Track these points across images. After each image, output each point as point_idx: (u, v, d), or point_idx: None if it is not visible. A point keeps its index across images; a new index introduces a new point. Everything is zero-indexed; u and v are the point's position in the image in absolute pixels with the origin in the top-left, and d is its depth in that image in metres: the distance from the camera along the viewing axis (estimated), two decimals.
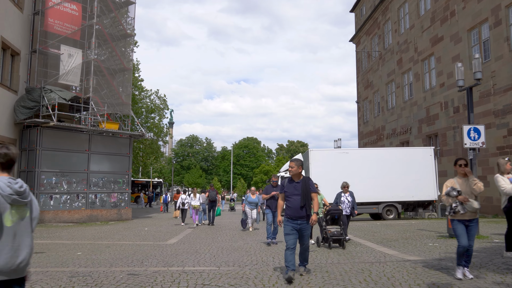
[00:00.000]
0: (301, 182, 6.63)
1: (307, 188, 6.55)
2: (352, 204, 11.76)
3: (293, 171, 6.73)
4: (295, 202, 6.51)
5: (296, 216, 6.52)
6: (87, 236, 14.15)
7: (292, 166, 6.75)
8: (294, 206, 6.53)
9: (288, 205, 6.66)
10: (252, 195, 15.59)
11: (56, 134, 20.39)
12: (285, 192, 6.73)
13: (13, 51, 20.11)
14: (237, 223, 20.75)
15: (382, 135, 34.62)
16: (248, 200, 15.59)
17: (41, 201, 19.53)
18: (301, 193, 6.50)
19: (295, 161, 6.80)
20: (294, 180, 6.73)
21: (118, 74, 24.52)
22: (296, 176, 6.73)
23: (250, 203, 15.52)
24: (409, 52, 29.51)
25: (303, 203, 6.47)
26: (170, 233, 15.15)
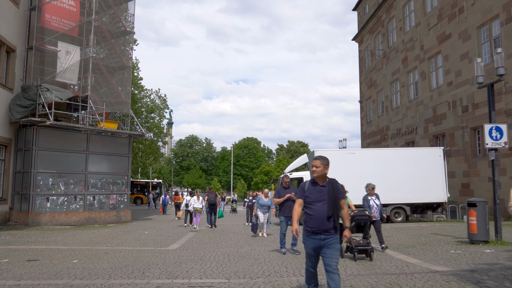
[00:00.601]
0: (327, 186, 5.18)
1: (336, 193, 5.14)
2: (380, 208, 10.65)
3: (318, 171, 5.23)
4: (320, 211, 5.06)
5: (320, 230, 5.06)
6: (84, 240, 13.46)
7: (317, 165, 5.24)
8: (317, 216, 5.07)
9: (309, 215, 5.18)
10: (264, 198, 14.37)
11: (53, 133, 19.68)
12: (306, 198, 5.24)
13: (8, 48, 19.41)
14: (239, 225, 20.11)
15: (386, 135, 33.97)
16: (260, 203, 14.41)
17: (37, 203, 18.83)
18: (327, 199, 5.07)
19: (320, 159, 5.26)
20: (318, 183, 5.24)
21: (117, 72, 23.83)
22: (321, 178, 5.26)
23: (262, 206, 14.34)
24: (415, 51, 28.86)
25: (331, 212, 5.04)
26: (171, 237, 14.46)
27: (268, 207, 14.39)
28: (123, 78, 23.94)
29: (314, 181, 5.33)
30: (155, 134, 35.65)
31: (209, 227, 18.73)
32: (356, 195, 20.38)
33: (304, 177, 20.22)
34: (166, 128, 41.95)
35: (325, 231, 5.07)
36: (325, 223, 5.07)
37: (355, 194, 20.03)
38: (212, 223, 18.76)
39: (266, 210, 14.43)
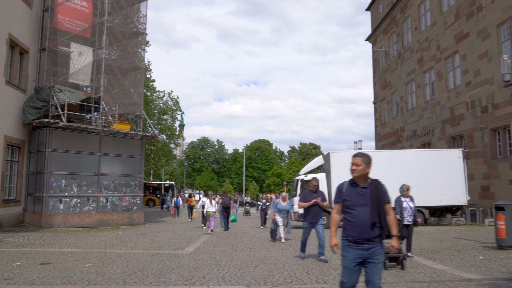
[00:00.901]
0: (369, 188, 4.45)
1: (380, 196, 4.41)
2: (414, 211, 9.76)
3: (358, 170, 4.48)
4: (362, 217, 4.35)
5: (363, 238, 4.33)
6: (98, 243, 13.23)
7: (357, 163, 4.51)
8: (359, 223, 4.35)
9: (349, 221, 4.44)
10: (282, 202, 13.78)
11: (65, 135, 19.56)
12: (345, 202, 4.50)
13: (21, 49, 19.35)
14: (253, 228, 19.78)
15: (402, 137, 33.40)
16: (278, 207, 13.81)
17: (50, 204, 18.70)
18: (370, 203, 4.36)
19: (361, 156, 4.54)
20: (359, 184, 4.51)
21: (130, 73, 23.69)
22: (362, 179, 4.51)
23: (280, 210, 13.76)
24: (431, 50, 28.30)
25: (375, 218, 4.33)
26: (185, 240, 14.18)
27: (286, 211, 13.78)
28: (136, 79, 23.79)
29: (354, 182, 4.56)
30: (168, 136, 35.50)
31: (223, 229, 18.55)
32: None
33: (320, 180, 19.76)
34: (178, 130, 41.78)
35: (369, 240, 4.33)
36: (369, 231, 4.33)
37: None
38: (225, 226, 18.64)
39: (285, 215, 13.82)
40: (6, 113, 17.87)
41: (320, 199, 9.95)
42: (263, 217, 20.76)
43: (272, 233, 14.14)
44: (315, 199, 9.97)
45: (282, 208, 13.76)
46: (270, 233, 14.34)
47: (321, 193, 10.30)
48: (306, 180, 19.85)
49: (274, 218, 14.01)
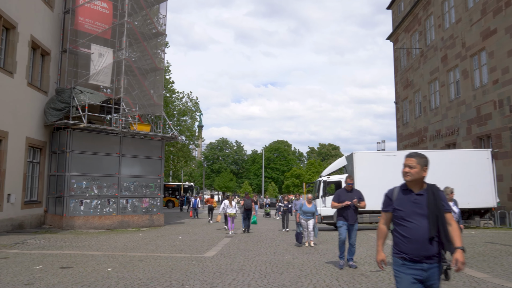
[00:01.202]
0: (425, 195, 3.71)
1: (439, 205, 3.66)
2: (458, 216, 8.88)
3: (412, 174, 3.73)
4: (418, 230, 3.61)
5: (420, 256, 3.60)
6: (118, 245, 13.07)
7: (411, 164, 3.76)
8: (415, 237, 3.61)
9: (402, 235, 3.70)
10: (308, 204, 13.30)
11: (86, 136, 19.55)
12: (397, 212, 3.77)
13: (43, 51, 19.42)
14: (275, 230, 19.44)
15: (425, 137, 32.60)
16: (303, 210, 13.33)
17: (71, 206, 18.69)
18: (427, 213, 3.64)
19: (416, 157, 3.77)
20: (413, 190, 3.76)
21: (150, 74, 23.62)
22: (417, 184, 3.76)
23: (305, 213, 13.26)
24: (456, 48, 27.52)
25: (434, 231, 3.61)
26: (206, 243, 13.92)
27: (312, 213, 13.26)
28: (156, 80, 23.71)
29: (406, 188, 3.80)
30: (187, 137, 35.42)
31: (244, 231, 18.35)
32: None
33: (343, 181, 19.35)
34: (197, 131, 41.73)
35: (428, 258, 3.61)
36: (427, 247, 3.60)
37: None
38: (246, 228, 18.43)
39: (310, 217, 13.27)
40: (28, 115, 17.93)
41: (356, 200, 9.15)
42: (285, 219, 20.17)
43: (298, 237, 13.51)
44: (350, 198, 9.16)
45: (307, 210, 13.26)
46: (295, 236, 13.68)
47: (357, 192, 9.42)
48: (329, 181, 19.44)
49: (299, 220, 13.46)
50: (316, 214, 13.50)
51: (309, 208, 13.26)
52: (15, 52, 16.70)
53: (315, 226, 13.32)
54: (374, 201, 20.27)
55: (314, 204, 13.52)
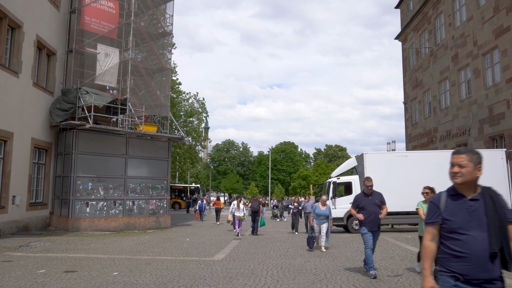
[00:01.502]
0: (482, 200, 3.01)
1: (500, 213, 2.97)
2: None
3: (464, 174, 3.04)
4: (475, 244, 2.89)
5: (481, 279, 2.86)
6: (124, 248, 12.76)
7: (461, 162, 3.05)
8: (473, 253, 2.88)
9: (455, 251, 2.94)
10: (321, 206, 12.48)
11: (92, 137, 19.31)
12: (447, 223, 3.02)
13: (49, 51, 19.20)
14: (283, 233, 19.07)
15: (435, 138, 32.08)
16: (316, 212, 12.52)
17: (77, 208, 18.43)
18: (487, 224, 2.91)
19: (468, 154, 3.08)
20: (464, 195, 3.06)
21: (156, 74, 23.37)
22: (470, 187, 3.08)
23: (319, 215, 12.45)
24: (467, 47, 27.01)
25: (496, 245, 2.88)
26: (214, 246, 13.58)
27: (326, 216, 12.47)
28: (162, 80, 23.44)
29: (457, 193, 3.08)
30: (194, 138, 35.13)
31: (252, 234, 18.05)
32: (411, 202, 18.98)
33: (353, 182, 18.96)
34: (204, 132, 41.46)
35: (488, 282, 2.86)
36: (488, 267, 2.86)
37: (409, 200, 18.64)
38: (254, 230, 18.14)
39: (324, 220, 12.47)
40: (34, 115, 17.71)
41: (384, 208, 8.41)
42: (295, 221, 19.58)
43: (309, 241, 12.54)
44: (371, 203, 8.26)
45: (321, 213, 12.49)
46: (307, 240, 12.71)
47: (377, 195, 8.51)
48: (339, 182, 19.04)
49: (312, 224, 12.64)
50: (331, 218, 12.62)
51: (323, 210, 12.48)
52: (20, 52, 16.48)
53: (328, 231, 12.52)
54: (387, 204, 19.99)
55: (328, 206, 12.71)
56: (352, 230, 18.60)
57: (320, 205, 12.59)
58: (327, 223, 12.50)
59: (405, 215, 18.34)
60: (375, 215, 8.27)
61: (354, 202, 8.67)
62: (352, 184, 18.85)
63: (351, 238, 16.17)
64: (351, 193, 18.77)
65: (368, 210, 8.26)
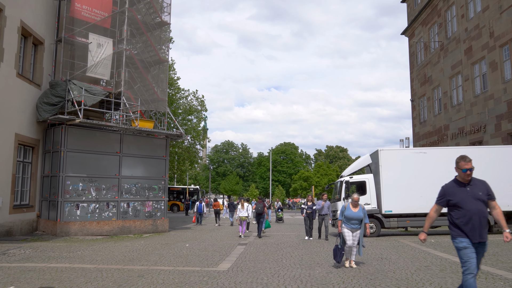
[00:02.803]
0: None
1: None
2: None
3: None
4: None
5: None
6: (116, 256, 11.19)
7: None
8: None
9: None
10: (353, 207, 9.67)
11: (83, 133, 17.76)
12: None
13: (35, 39, 17.64)
14: (291, 236, 17.52)
15: (445, 136, 30.57)
16: (346, 215, 9.64)
17: (66, 210, 16.86)
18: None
19: None
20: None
21: (153, 67, 21.83)
22: None
23: (350, 219, 9.57)
24: (482, 39, 25.54)
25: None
26: (218, 252, 12.03)
27: (359, 221, 9.61)
28: (159, 73, 21.91)
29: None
30: (193, 137, 33.56)
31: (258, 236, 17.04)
32: (431, 203, 17.42)
33: (367, 181, 17.42)
34: (203, 129, 39.90)
35: None
36: None
37: (428, 201, 17.09)
38: (258, 233, 17.28)
39: (357, 226, 9.59)
40: (18, 109, 16.15)
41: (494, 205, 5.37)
42: (308, 224, 16.64)
43: (336, 253, 9.52)
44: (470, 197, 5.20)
45: (353, 216, 9.57)
46: (333, 252, 9.64)
47: (481, 184, 5.36)
48: (352, 181, 17.50)
49: (341, 231, 9.74)
50: (366, 222, 9.76)
51: (356, 213, 9.57)
52: (1, 37, 14.91)
53: (362, 240, 9.69)
54: (402, 204, 18.35)
55: (362, 207, 9.76)
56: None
57: (351, 206, 9.74)
58: (360, 230, 9.64)
59: (424, 217, 16.76)
60: (481, 216, 5.17)
61: (441, 196, 5.47)
62: (366, 183, 17.32)
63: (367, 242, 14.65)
64: (365, 193, 17.23)
65: (467, 208, 5.16)
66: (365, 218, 9.68)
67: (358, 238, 9.60)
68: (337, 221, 9.82)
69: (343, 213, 9.76)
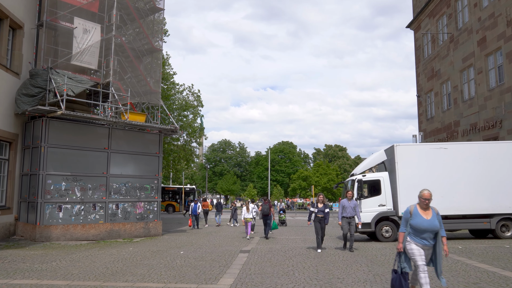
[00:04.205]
0: None
1: None
2: None
3: None
4: None
5: None
6: (97, 268, 9.47)
7: None
8: None
9: None
10: (423, 212, 6.24)
11: (66, 127, 16.02)
12: None
13: (13, 23, 15.89)
14: (296, 240, 15.83)
15: (456, 132, 28.94)
16: (415, 225, 6.21)
17: (47, 212, 15.11)
18: None
19: None
20: None
21: (146, 56, 20.09)
22: None
23: (421, 231, 6.17)
24: (498, 28, 23.92)
25: None
26: (217, 262, 10.33)
27: (435, 234, 6.22)
28: (152, 62, 20.18)
29: None
30: (189, 134, 31.79)
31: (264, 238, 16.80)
32: (453, 204, 15.82)
33: (382, 180, 15.74)
34: (200, 127, 38.10)
35: None
36: None
37: (451, 202, 15.44)
38: (265, 234, 16.94)
39: (432, 242, 6.23)
40: None
41: None
42: (319, 232, 12.74)
43: (397, 283, 6.22)
44: None
45: (426, 227, 6.15)
46: (392, 283, 6.32)
47: None
48: (365, 180, 15.82)
49: (408, 249, 6.26)
50: (443, 235, 6.27)
51: (429, 221, 6.17)
52: None
53: (440, 262, 6.22)
54: None
55: (436, 212, 6.29)
56: (382, 238, 15.39)
57: (419, 209, 6.29)
58: (437, 247, 6.25)
59: (446, 219, 15.13)
60: None
61: None
62: (380, 182, 15.64)
63: (384, 248, 13.00)
64: (379, 193, 15.57)
65: None
66: (442, 230, 6.27)
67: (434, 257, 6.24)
68: (398, 233, 6.48)
69: (408, 221, 6.33)
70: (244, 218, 17.18)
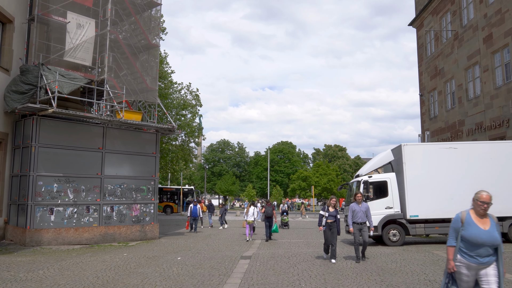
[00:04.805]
0: None
1: None
2: None
3: None
4: None
5: None
6: (86, 277, 8.76)
7: None
8: None
9: None
10: (480, 221, 4.93)
11: (58, 126, 15.30)
12: None
13: (3, 17, 15.21)
14: (299, 244, 15.13)
15: (460, 132, 28.28)
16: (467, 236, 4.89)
17: (38, 215, 14.38)
18: None
19: None
20: None
21: (142, 53, 19.38)
22: None
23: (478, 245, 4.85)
24: (505, 25, 23.27)
25: None
26: (217, 270, 9.63)
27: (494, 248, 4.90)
28: (149, 60, 19.47)
29: None
30: (187, 134, 31.08)
31: (266, 240, 16.71)
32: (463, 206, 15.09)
33: (389, 181, 15.06)
34: (198, 128, 37.38)
35: None
36: None
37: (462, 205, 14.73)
38: (267, 236, 16.92)
39: (491, 259, 4.90)
40: None
41: None
42: (330, 240, 11.34)
43: None
44: None
45: (484, 240, 4.84)
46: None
47: None
48: (371, 181, 15.14)
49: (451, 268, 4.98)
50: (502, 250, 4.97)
51: (487, 232, 4.88)
52: None
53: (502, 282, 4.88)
54: (430, 207, 15.74)
55: (493, 219, 5.02)
56: (389, 242, 14.70)
57: (474, 216, 5.02)
58: (495, 266, 4.91)
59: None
60: None
61: None
62: (387, 183, 14.97)
63: (391, 253, 12.32)
64: (386, 195, 14.89)
65: None
66: (500, 244, 4.94)
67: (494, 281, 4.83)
68: (447, 248, 5.11)
69: (458, 233, 4.99)
70: (246, 220, 16.93)
